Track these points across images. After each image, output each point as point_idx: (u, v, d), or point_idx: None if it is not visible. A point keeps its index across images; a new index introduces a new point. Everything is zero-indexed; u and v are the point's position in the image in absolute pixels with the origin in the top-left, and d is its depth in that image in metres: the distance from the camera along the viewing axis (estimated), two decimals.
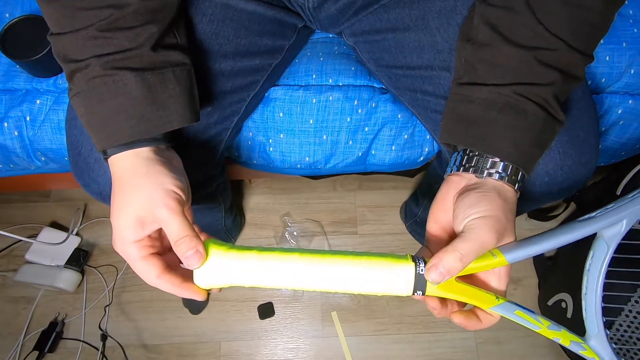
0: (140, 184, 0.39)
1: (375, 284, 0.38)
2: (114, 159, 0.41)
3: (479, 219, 0.38)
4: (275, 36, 0.58)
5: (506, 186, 0.41)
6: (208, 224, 0.82)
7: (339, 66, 0.66)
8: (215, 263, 0.39)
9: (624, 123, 0.66)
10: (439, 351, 1.04)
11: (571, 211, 1.14)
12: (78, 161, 0.50)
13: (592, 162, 0.50)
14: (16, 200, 1.18)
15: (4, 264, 1.12)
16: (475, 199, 0.39)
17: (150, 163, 0.40)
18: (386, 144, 0.67)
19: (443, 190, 0.44)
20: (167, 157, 0.43)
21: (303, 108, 0.64)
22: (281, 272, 0.38)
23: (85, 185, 0.52)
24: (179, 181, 0.40)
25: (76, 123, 0.50)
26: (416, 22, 0.53)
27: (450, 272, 0.36)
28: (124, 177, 0.40)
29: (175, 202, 0.39)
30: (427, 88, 0.54)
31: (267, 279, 0.38)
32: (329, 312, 1.07)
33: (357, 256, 0.38)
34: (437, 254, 0.37)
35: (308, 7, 0.57)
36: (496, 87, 0.41)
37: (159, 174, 0.40)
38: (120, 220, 0.39)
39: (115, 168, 0.41)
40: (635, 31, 0.63)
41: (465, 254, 0.36)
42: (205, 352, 1.04)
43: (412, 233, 1.12)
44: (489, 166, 0.41)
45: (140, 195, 0.38)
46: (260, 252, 0.39)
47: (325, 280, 0.38)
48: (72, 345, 1.04)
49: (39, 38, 0.62)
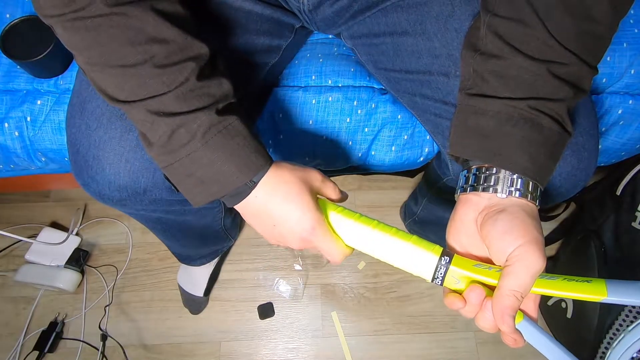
0: (292, 176, 0.43)
1: (406, 263, 0.42)
2: (262, 179, 0.42)
3: (521, 247, 0.37)
4: (273, 35, 0.58)
5: (530, 203, 0.40)
6: (208, 224, 0.82)
7: (338, 67, 0.66)
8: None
9: (624, 123, 0.66)
10: (439, 351, 1.04)
11: (571, 211, 1.14)
12: (77, 160, 0.50)
13: (590, 167, 0.50)
14: (16, 200, 1.18)
15: (4, 264, 1.12)
16: (508, 225, 0.38)
17: (281, 162, 0.45)
18: (386, 144, 0.67)
19: (460, 211, 0.43)
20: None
21: (302, 109, 0.64)
22: (370, 240, 0.44)
23: (85, 185, 0.52)
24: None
25: (74, 122, 0.50)
26: (414, 26, 0.53)
27: (510, 310, 0.37)
28: (277, 184, 0.42)
29: (319, 173, 0.46)
30: (425, 92, 0.54)
31: (361, 245, 0.44)
32: (329, 312, 1.07)
33: (405, 236, 0.43)
34: (495, 314, 0.37)
35: (303, 10, 0.58)
36: (510, 100, 0.40)
37: (289, 165, 0.45)
38: (302, 207, 0.42)
39: (264, 184, 0.42)
40: (635, 31, 0.64)
41: (522, 290, 0.36)
42: (205, 352, 1.04)
43: (411, 232, 1.12)
44: (509, 184, 0.40)
45: (297, 179, 0.43)
46: (359, 218, 0.45)
47: (383, 252, 0.43)
48: (72, 345, 1.04)
49: (40, 39, 0.62)
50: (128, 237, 1.15)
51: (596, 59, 0.41)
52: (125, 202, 0.52)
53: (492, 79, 0.41)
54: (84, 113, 0.49)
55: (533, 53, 0.39)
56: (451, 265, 0.40)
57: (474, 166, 0.43)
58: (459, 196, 0.44)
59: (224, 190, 0.41)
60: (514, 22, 0.40)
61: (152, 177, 0.50)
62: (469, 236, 0.42)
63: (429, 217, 0.97)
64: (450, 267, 0.40)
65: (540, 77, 0.39)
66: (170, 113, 0.38)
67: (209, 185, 0.41)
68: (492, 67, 0.41)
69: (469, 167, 0.44)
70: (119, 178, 0.49)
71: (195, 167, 0.40)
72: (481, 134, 0.41)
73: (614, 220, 0.87)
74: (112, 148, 0.48)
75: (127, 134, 0.48)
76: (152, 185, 0.50)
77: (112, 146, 0.48)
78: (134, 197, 0.51)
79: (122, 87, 0.39)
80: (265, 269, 1.12)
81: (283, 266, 1.12)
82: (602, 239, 0.88)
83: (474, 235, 0.42)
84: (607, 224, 0.88)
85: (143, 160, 0.48)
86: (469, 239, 0.42)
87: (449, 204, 0.80)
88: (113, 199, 0.52)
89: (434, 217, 0.95)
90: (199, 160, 0.39)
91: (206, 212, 0.75)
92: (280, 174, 0.43)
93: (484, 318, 0.39)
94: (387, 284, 1.10)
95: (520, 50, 0.40)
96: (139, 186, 0.50)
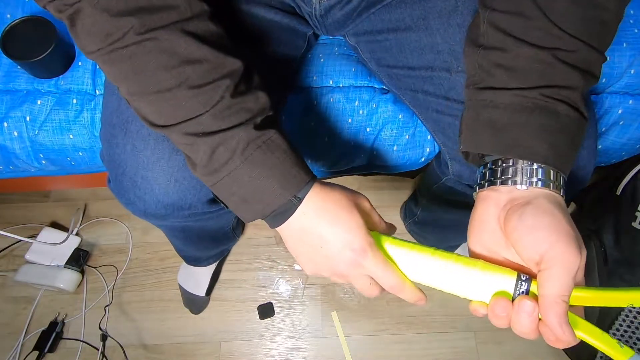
0: (342, 196, 0.42)
1: (479, 291, 0.38)
2: (308, 195, 0.41)
3: (556, 247, 0.35)
4: (290, 46, 0.59)
5: (554, 193, 0.38)
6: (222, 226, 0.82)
7: (339, 67, 0.66)
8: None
9: (624, 123, 0.66)
10: (439, 351, 1.04)
11: (571, 211, 1.14)
12: (123, 180, 0.50)
13: (589, 166, 0.50)
14: (16, 200, 1.18)
15: (4, 264, 1.12)
16: (536, 219, 0.36)
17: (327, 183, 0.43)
18: (387, 144, 0.67)
19: (480, 209, 0.41)
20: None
21: (304, 111, 0.64)
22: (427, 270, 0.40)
23: (130, 203, 0.52)
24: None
25: (117, 142, 0.49)
26: (417, 22, 0.53)
27: (564, 316, 0.34)
28: (326, 202, 0.41)
29: (367, 201, 0.45)
30: (428, 88, 0.54)
31: (418, 276, 0.41)
32: (329, 312, 1.07)
33: (470, 261, 0.39)
34: (552, 326, 0.34)
35: (315, 14, 0.58)
36: (521, 90, 0.39)
37: (338, 185, 0.43)
38: (352, 227, 0.40)
39: (311, 201, 0.41)
40: (635, 31, 0.64)
41: (568, 293, 0.34)
42: (205, 352, 1.04)
43: (411, 233, 1.13)
44: (529, 174, 0.38)
45: (347, 200, 0.41)
46: (414, 246, 0.41)
47: (448, 283, 0.39)
48: (72, 345, 1.04)
49: (40, 39, 0.62)
50: (128, 237, 1.15)
51: (604, 45, 0.40)
52: (167, 217, 0.53)
53: (498, 71, 0.40)
54: (128, 133, 0.49)
55: (537, 42, 0.39)
56: (532, 284, 0.36)
57: (489, 161, 0.41)
58: (477, 194, 0.42)
59: (269, 207, 0.40)
60: (514, 15, 0.39)
61: (198, 194, 0.50)
62: (492, 235, 0.40)
63: (429, 217, 0.97)
64: (531, 284, 0.36)
65: (549, 65, 0.38)
66: (208, 133, 0.38)
67: (252, 204, 0.40)
68: (497, 60, 0.40)
69: (485, 163, 0.42)
70: (168, 197, 0.49)
71: (237, 186, 0.39)
72: (495, 127, 0.40)
73: (614, 220, 0.87)
74: (161, 168, 0.48)
75: (175, 154, 0.48)
76: (197, 201, 0.51)
77: (160, 166, 0.48)
78: (177, 212, 0.51)
79: (161, 113, 0.39)
80: (265, 269, 1.12)
81: (283, 266, 1.12)
82: (602, 239, 0.88)
83: (497, 234, 0.39)
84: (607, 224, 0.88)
85: (192, 179, 0.49)
86: (492, 238, 0.40)
87: (449, 204, 0.80)
88: (156, 215, 0.52)
89: (434, 217, 0.95)
90: (240, 178, 0.39)
91: (225, 214, 0.76)
92: (328, 191, 0.41)
93: (519, 324, 0.36)
94: None
95: (525, 40, 0.39)
96: (185, 203, 0.50)
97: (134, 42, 0.37)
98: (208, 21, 0.40)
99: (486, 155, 0.42)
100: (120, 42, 0.37)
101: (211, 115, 0.38)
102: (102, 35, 0.36)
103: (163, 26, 0.37)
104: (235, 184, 0.39)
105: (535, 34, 0.39)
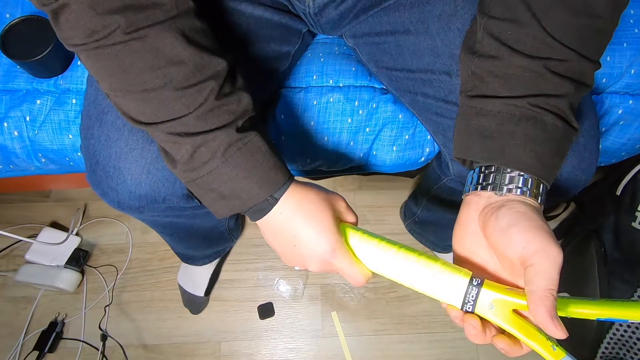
0: (317, 197, 0.43)
1: (433, 288, 0.40)
2: (285, 196, 0.42)
3: (536, 241, 0.36)
4: (282, 42, 0.58)
5: (529, 199, 0.39)
6: (214, 226, 0.82)
7: (339, 66, 0.66)
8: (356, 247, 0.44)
9: (624, 123, 0.66)
10: (439, 351, 1.04)
11: (571, 211, 1.14)
12: (96, 170, 0.50)
13: (591, 167, 0.50)
14: (16, 200, 1.18)
15: (4, 264, 1.12)
16: (510, 218, 0.38)
17: (304, 183, 0.45)
18: (387, 144, 0.67)
19: (463, 213, 0.43)
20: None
21: (304, 110, 0.64)
22: (394, 265, 0.42)
23: (103, 194, 0.52)
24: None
25: (93, 132, 0.50)
26: (416, 25, 0.53)
27: (553, 310, 0.34)
28: (302, 202, 0.42)
29: (343, 201, 0.47)
30: (427, 91, 0.54)
31: (384, 269, 0.43)
32: (329, 312, 1.07)
33: (431, 259, 0.41)
34: (540, 320, 0.35)
35: (309, 13, 0.57)
36: (510, 99, 0.40)
37: (315, 186, 0.45)
38: (324, 229, 0.42)
39: (287, 202, 0.42)
40: (635, 31, 0.64)
41: (555, 286, 0.35)
42: (205, 352, 1.04)
43: (412, 232, 1.13)
44: (507, 182, 0.40)
45: (322, 200, 0.43)
46: (381, 241, 0.43)
47: (407, 277, 0.42)
48: (72, 345, 1.04)
49: (40, 39, 0.62)
50: (128, 237, 1.15)
51: (597, 53, 0.40)
52: (142, 209, 0.53)
53: (491, 79, 0.41)
54: (103, 124, 0.49)
55: (529, 51, 0.39)
56: (483, 288, 0.38)
57: (477, 167, 0.43)
58: (463, 198, 0.44)
59: (245, 205, 0.42)
60: (509, 23, 0.40)
61: (172, 187, 0.50)
62: (473, 238, 0.42)
63: (429, 217, 0.97)
64: (482, 289, 0.38)
65: (539, 75, 0.39)
66: (191, 133, 0.39)
67: (230, 200, 0.42)
68: (490, 68, 0.41)
69: (474, 168, 0.43)
70: (140, 188, 0.49)
71: (217, 184, 0.40)
72: (484, 134, 0.41)
73: (614, 220, 0.87)
74: (134, 159, 0.48)
75: (148, 145, 0.48)
76: (171, 194, 0.51)
77: (133, 157, 0.48)
78: (152, 205, 0.52)
79: (144, 111, 0.39)
80: (265, 269, 1.12)
81: (283, 266, 1.12)
82: (602, 239, 0.88)
83: (477, 236, 0.41)
84: (607, 224, 0.88)
85: (164, 171, 0.49)
86: (473, 241, 0.42)
87: (449, 205, 0.80)
88: (131, 207, 0.52)
89: (434, 217, 0.95)
90: (220, 177, 0.40)
91: (213, 215, 0.76)
92: (305, 192, 0.43)
93: (467, 333, 0.38)
94: (387, 284, 1.10)
95: (517, 50, 0.40)
96: (159, 195, 0.50)
97: (120, 42, 0.37)
98: (194, 18, 0.40)
99: (475, 162, 0.43)
100: (106, 40, 0.37)
101: (194, 117, 0.39)
102: (87, 31, 0.36)
103: (150, 25, 0.37)
104: (216, 182, 0.40)
105: (529, 42, 0.39)
